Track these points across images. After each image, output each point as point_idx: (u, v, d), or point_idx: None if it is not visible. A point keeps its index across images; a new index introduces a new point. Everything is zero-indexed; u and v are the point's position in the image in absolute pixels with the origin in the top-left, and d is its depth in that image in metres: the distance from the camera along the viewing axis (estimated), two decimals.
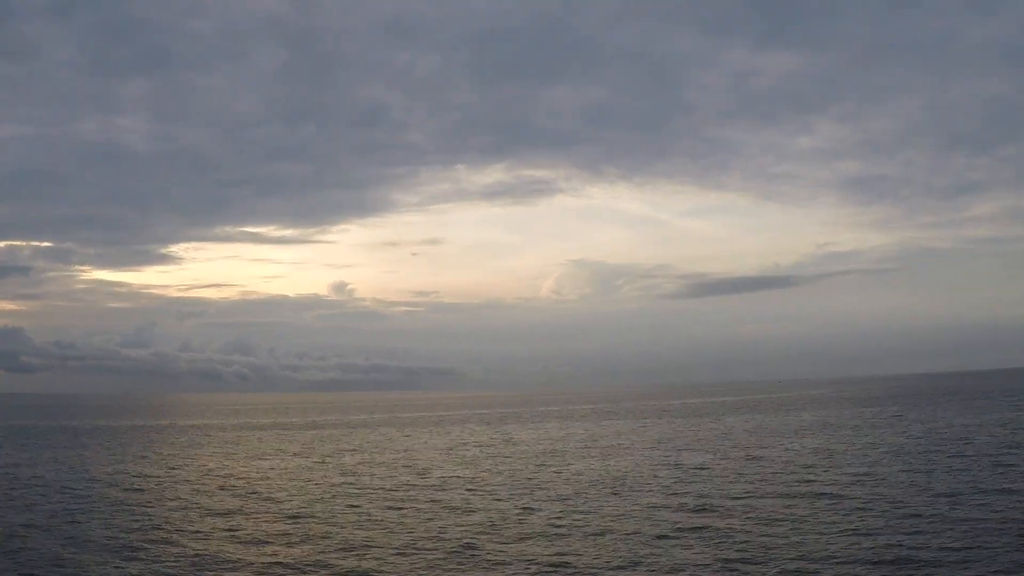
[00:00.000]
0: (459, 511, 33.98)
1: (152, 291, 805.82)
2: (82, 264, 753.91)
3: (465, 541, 27.65)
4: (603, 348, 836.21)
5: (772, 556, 24.29)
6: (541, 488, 40.46)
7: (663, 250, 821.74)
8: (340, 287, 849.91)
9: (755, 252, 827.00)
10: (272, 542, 28.17)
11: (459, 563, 24.69)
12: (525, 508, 34.32)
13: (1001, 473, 40.24)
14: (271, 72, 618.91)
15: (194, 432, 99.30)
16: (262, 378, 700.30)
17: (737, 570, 23.04)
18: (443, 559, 25.21)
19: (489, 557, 25.27)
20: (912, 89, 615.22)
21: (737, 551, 25.09)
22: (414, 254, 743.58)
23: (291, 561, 25.35)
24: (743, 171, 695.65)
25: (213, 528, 31.01)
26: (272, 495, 39.89)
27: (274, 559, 25.62)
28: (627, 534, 28.25)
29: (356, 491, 40.89)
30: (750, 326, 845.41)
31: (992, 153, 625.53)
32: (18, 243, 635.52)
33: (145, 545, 27.91)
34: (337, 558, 25.60)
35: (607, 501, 35.64)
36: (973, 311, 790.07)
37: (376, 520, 32.29)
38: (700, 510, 32.52)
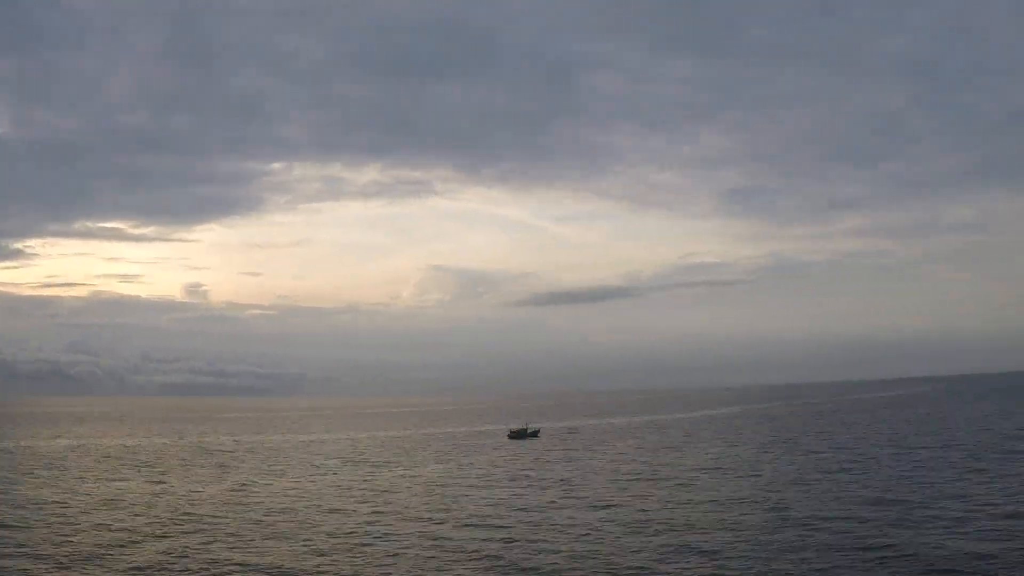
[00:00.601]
0: None
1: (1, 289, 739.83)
2: None
3: None
4: (456, 356, 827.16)
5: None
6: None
7: (534, 257, 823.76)
8: (194, 289, 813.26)
9: (624, 260, 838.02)
10: None
11: None
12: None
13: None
14: (147, 53, 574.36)
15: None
16: (108, 381, 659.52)
17: None
18: None
19: None
20: (808, 99, 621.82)
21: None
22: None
23: None
24: (624, 178, 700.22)
25: None
26: None
27: None
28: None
29: None
30: (599, 336, 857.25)
31: (874, 167, 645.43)
32: None
33: None
34: None
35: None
36: (837, 323, 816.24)
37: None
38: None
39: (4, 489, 48.17)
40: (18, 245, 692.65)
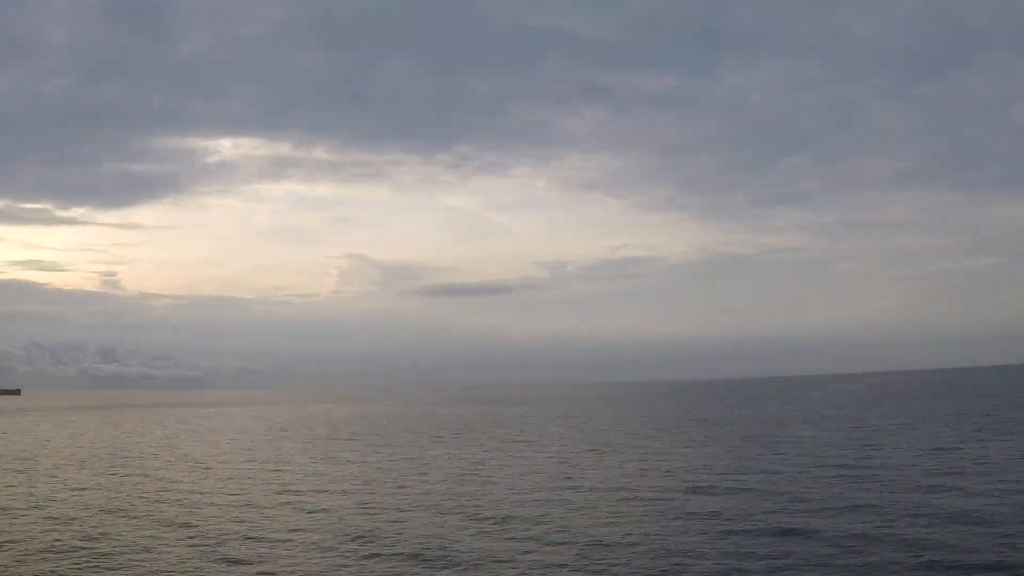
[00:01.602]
0: None
1: None
2: None
3: None
4: (369, 348, 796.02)
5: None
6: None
7: (466, 247, 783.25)
8: (110, 278, 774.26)
9: (557, 251, 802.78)
10: None
11: None
12: None
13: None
14: (86, 7, 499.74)
15: None
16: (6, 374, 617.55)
17: None
18: None
19: None
20: (780, 88, 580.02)
21: None
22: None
23: None
24: (579, 165, 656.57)
25: None
26: None
27: None
28: None
29: None
30: (515, 328, 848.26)
31: (830, 161, 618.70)
32: None
33: None
34: None
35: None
36: (759, 320, 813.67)
37: None
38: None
39: None
40: None
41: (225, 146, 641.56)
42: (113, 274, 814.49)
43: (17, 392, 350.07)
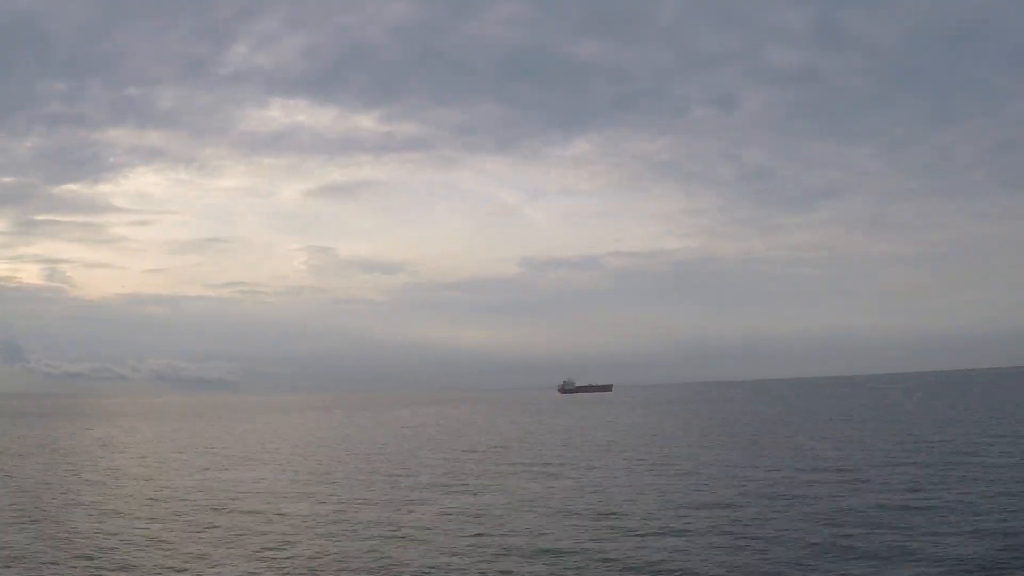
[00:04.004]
0: None
1: None
2: None
3: None
4: (318, 351, 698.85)
5: None
6: None
7: (435, 246, 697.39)
8: (51, 274, 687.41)
9: (520, 249, 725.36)
10: None
11: None
12: None
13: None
14: None
15: None
16: None
17: None
18: None
19: None
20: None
21: None
22: None
23: None
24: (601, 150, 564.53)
25: None
26: None
27: None
28: None
29: None
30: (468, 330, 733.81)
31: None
32: None
33: None
34: None
35: None
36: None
37: None
38: None
39: None
40: None
41: (247, 112, 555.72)
42: (57, 271, 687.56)
43: None
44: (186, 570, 20.83)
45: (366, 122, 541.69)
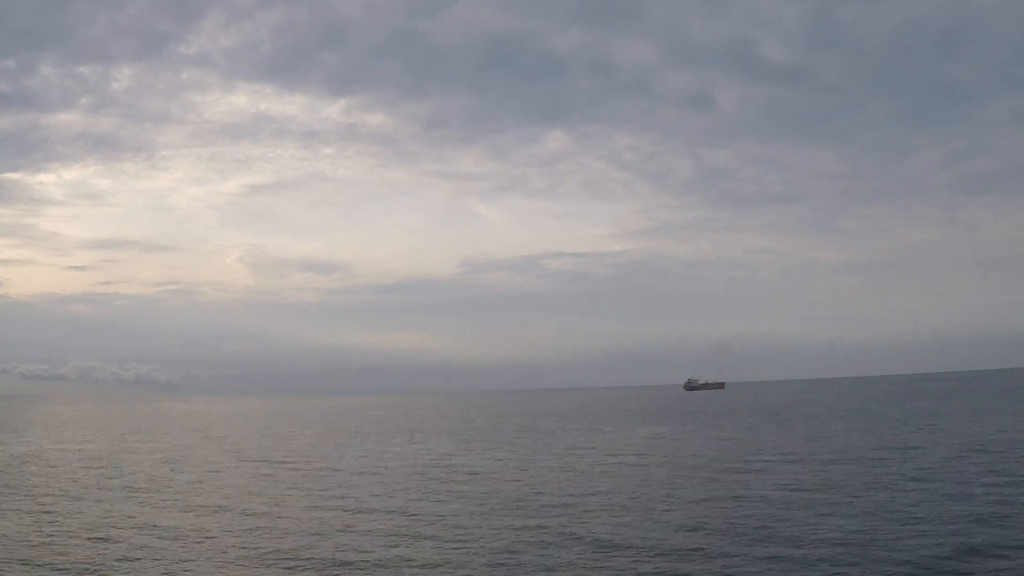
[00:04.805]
0: None
1: None
2: None
3: None
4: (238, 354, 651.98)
5: None
6: None
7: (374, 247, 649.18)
8: None
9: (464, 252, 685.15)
10: None
11: None
12: None
13: None
14: None
15: None
16: None
17: None
18: None
19: None
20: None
21: None
22: None
23: None
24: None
25: None
26: None
27: None
28: None
29: None
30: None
31: None
32: None
33: None
34: None
35: None
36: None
37: None
38: None
39: None
40: None
41: (212, 98, 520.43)
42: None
43: None
44: None
45: (332, 112, 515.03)
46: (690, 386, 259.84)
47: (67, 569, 19.73)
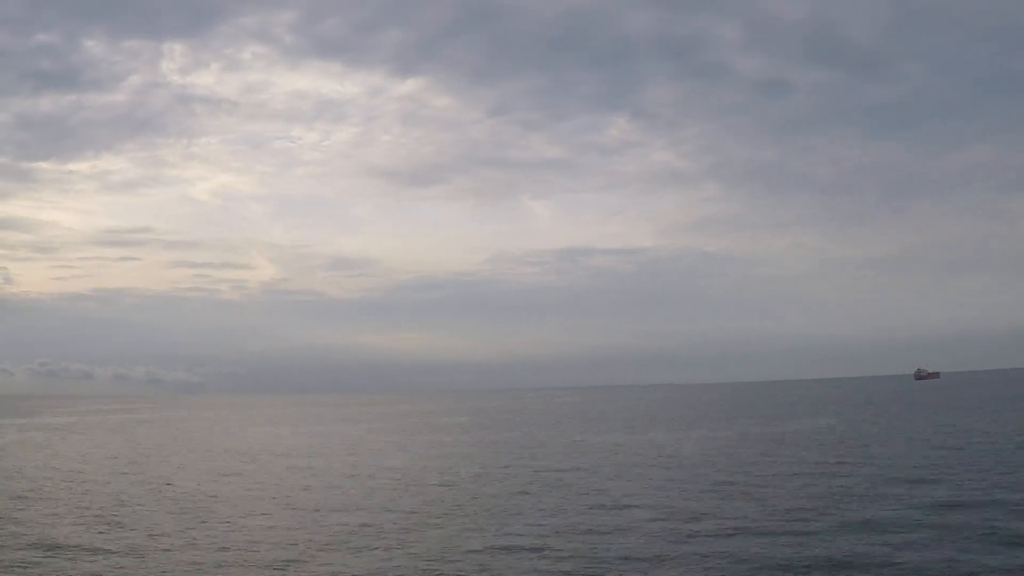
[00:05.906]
0: None
1: None
2: None
3: None
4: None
5: None
6: None
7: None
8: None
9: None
10: None
11: None
12: None
13: None
14: None
15: None
16: None
17: None
18: None
19: None
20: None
21: None
22: None
23: None
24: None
25: None
26: None
27: None
28: None
29: None
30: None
31: None
32: None
33: None
34: None
35: None
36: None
37: None
38: None
39: None
40: None
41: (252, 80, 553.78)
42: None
43: None
44: None
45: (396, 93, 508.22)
46: (920, 375, 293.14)
47: None
